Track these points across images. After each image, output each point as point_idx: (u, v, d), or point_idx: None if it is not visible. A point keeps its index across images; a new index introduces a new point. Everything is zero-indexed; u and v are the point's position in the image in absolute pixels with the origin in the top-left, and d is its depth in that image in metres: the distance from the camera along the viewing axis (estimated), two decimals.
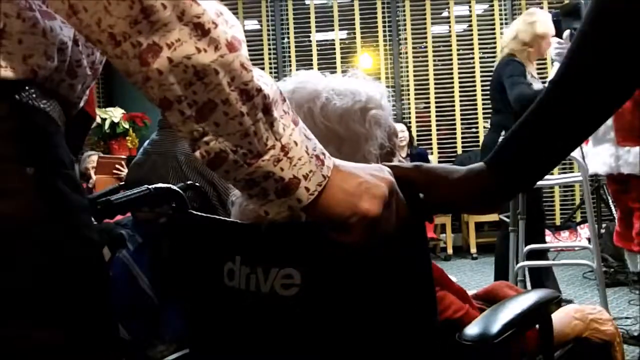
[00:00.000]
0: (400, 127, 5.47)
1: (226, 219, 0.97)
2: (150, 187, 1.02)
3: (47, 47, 0.65)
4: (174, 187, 1.02)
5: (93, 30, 0.55)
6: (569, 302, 3.52)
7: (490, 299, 1.28)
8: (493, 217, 5.38)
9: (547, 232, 5.48)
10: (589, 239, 4.28)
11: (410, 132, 5.59)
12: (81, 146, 0.84)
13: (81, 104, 0.76)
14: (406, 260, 0.83)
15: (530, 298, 1.02)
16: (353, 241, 0.67)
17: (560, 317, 1.22)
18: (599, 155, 2.71)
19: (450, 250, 5.48)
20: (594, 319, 1.25)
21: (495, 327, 0.88)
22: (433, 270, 0.86)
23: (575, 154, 2.69)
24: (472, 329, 0.88)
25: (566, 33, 2.84)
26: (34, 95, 0.65)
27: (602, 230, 4.23)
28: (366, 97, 0.97)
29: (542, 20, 3.21)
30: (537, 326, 1.05)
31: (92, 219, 0.90)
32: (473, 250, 5.40)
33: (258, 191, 0.64)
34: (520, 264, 2.69)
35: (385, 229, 0.67)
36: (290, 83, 1.00)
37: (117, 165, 4.10)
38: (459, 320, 1.03)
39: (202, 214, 0.98)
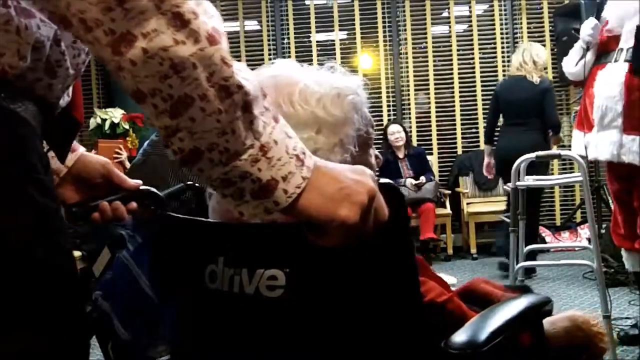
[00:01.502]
0: (396, 127, 5.47)
1: (209, 220, 0.93)
2: (126, 189, 1.00)
3: (20, 45, 0.62)
4: (152, 189, 0.98)
5: (65, 12, 0.52)
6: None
7: (468, 296, 1.25)
8: (493, 217, 5.39)
9: (547, 232, 5.49)
10: (589, 239, 4.28)
11: (408, 133, 5.58)
12: (67, 152, 0.81)
13: (61, 103, 0.73)
14: (390, 262, 0.81)
15: (520, 303, 1.00)
16: (331, 245, 0.64)
17: (566, 326, 1.20)
18: (602, 141, 2.70)
19: (450, 250, 5.48)
20: (596, 333, 1.23)
21: (484, 335, 0.86)
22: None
23: (576, 154, 2.69)
24: (460, 337, 0.86)
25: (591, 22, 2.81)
26: (2, 96, 0.62)
27: (602, 230, 4.22)
28: (343, 85, 1.00)
29: None
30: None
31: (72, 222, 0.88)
32: (473, 250, 5.39)
33: (233, 191, 0.60)
34: (520, 264, 2.69)
35: (364, 234, 0.65)
36: (270, 70, 1.01)
37: (116, 150, 4.15)
38: (442, 305, 1.02)
39: (183, 216, 0.94)
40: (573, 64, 2.95)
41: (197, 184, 1.56)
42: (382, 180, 0.73)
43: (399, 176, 5.38)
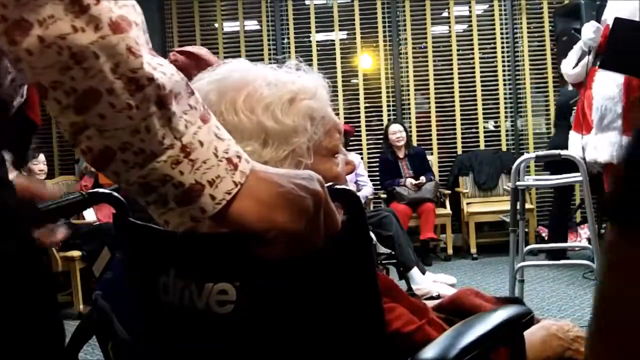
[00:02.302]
0: (397, 127, 5.48)
1: (160, 228, 0.86)
2: (84, 192, 0.93)
3: None
4: (114, 193, 0.91)
5: None
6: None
7: (455, 309, 1.20)
8: (493, 217, 5.39)
9: (547, 232, 5.49)
10: (589, 239, 4.28)
11: (408, 132, 5.58)
12: (25, 152, 0.78)
13: (14, 102, 0.70)
14: (346, 273, 0.75)
15: (498, 316, 0.93)
16: (274, 256, 0.58)
17: (542, 336, 1.15)
18: (601, 143, 2.70)
19: (450, 250, 5.48)
20: (575, 338, 1.17)
21: (454, 351, 0.81)
22: (385, 283, 0.79)
23: (575, 154, 2.69)
24: (428, 353, 0.81)
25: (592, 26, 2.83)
26: None
27: (602, 230, 4.22)
28: (298, 87, 0.90)
29: None
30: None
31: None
32: (473, 250, 5.40)
33: (156, 198, 0.55)
34: (521, 263, 2.69)
35: (311, 244, 0.59)
36: (218, 72, 0.93)
37: None
38: (409, 335, 0.94)
39: (140, 222, 0.84)
40: (572, 66, 2.96)
41: None
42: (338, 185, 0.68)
43: (399, 176, 5.39)
